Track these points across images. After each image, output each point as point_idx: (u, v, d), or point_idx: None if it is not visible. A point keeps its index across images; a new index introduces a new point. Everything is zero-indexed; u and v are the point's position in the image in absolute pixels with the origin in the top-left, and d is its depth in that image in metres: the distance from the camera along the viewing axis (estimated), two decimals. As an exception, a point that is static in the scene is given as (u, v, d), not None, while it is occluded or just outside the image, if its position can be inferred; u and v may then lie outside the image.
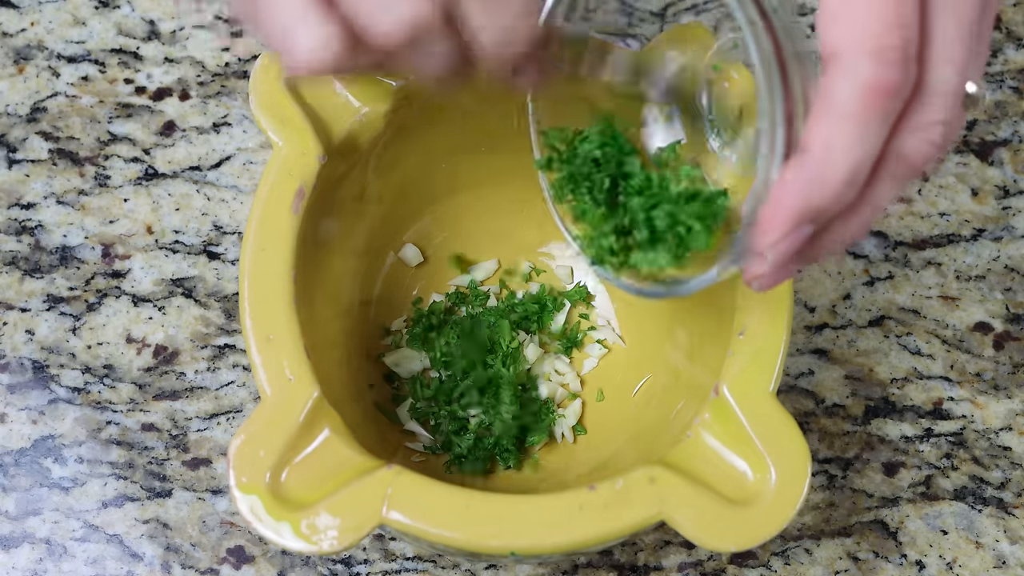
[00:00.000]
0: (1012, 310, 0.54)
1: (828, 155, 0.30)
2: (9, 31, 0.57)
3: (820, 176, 0.30)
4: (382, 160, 0.46)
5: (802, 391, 0.52)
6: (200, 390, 0.51)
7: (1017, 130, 0.57)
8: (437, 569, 0.49)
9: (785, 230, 0.31)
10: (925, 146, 0.31)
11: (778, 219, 0.31)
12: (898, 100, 0.30)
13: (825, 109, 0.30)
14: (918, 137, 0.31)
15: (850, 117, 0.29)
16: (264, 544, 0.49)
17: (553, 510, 0.36)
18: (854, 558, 0.50)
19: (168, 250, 0.54)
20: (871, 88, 0.29)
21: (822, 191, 0.30)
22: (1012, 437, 0.52)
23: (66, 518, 0.49)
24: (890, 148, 0.31)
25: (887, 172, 0.31)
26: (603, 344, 0.51)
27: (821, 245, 0.33)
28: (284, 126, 0.41)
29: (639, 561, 0.49)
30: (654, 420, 0.45)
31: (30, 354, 0.52)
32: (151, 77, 0.56)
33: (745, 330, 0.39)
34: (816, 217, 0.31)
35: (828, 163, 0.30)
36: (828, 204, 0.30)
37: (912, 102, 0.31)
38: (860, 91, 0.29)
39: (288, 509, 0.35)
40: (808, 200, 0.30)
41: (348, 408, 0.43)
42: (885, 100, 0.29)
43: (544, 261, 0.52)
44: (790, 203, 0.30)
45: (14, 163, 0.55)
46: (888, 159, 0.31)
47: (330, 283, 0.46)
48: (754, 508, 0.36)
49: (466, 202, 0.52)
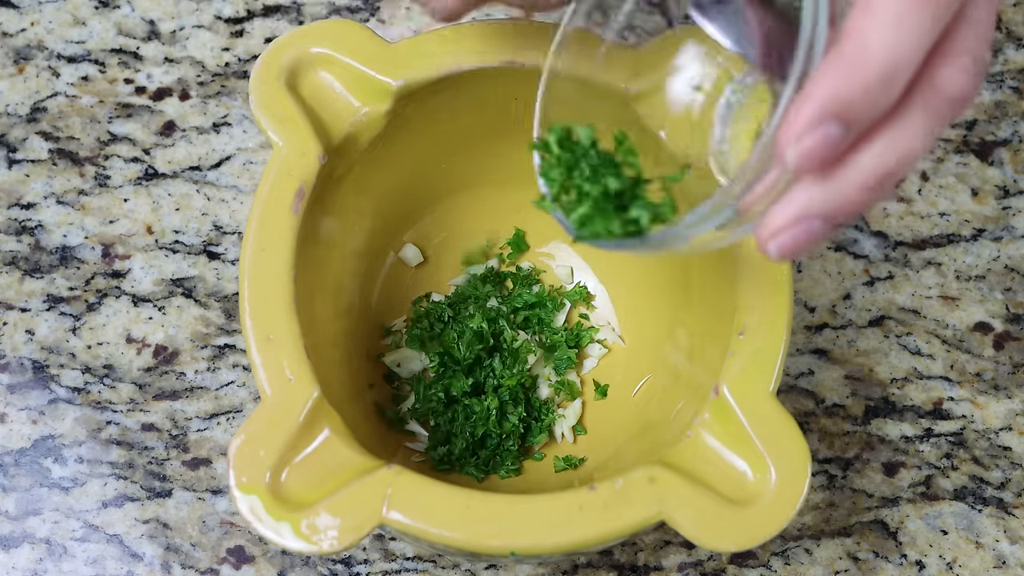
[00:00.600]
0: (1012, 310, 0.54)
1: (862, 46, 0.28)
2: (9, 31, 0.57)
3: (853, 63, 0.28)
4: (382, 160, 0.46)
5: (802, 391, 0.52)
6: (200, 390, 0.51)
7: (1017, 130, 0.57)
8: (437, 569, 0.49)
9: (811, 119, 0.28)
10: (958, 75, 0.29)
11: (804, 107, 0.29)
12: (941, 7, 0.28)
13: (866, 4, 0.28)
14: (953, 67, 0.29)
15: (891, 8, 0.28)
16: (264, 544, 0.49)
17: (553, 510, 0.36)
18: (854, 558, 0.50)
19: (168, 250, 0.54)
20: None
21: (853, 81, 0.28)
22: (1012, 437, 0.52)
23: (66, 518, 0.49)
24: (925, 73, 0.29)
25: (919, 100, 0.29)
26: (603, 344, 0.51)
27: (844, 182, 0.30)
28: (284, 126, 0.41)
29: (639, 561, 0.49)
30: (654, 420, 0.45)
31: (30, 354, 0.52)
32: (151, 77, 0.56)
33: (745, 330, 0.39)
34: (845, 114, 0.28)
35: (863, 51, 0.28)
36: (858, 99, 0.28)
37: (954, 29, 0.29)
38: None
39: (288, 509, 0.35)
40: (838, 88, 0.28)
41: (348, 408, 0.43)
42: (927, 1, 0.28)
43: (544, 261, 0.52)
44: (817, 90, 0.28)
45: (14, 163, 0.55)
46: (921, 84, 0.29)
47: (330, 283, 0.46)
48: (754, 508, 0.36)
49: (466, 202, 0.52)
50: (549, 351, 0.50)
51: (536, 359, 0.50)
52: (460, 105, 0.45)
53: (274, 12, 0.58)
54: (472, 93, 0.44)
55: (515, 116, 0.46)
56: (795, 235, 0.30)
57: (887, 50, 0.28)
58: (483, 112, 0.46)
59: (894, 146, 0.29)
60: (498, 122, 0.47)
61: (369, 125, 0.43)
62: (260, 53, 0.50)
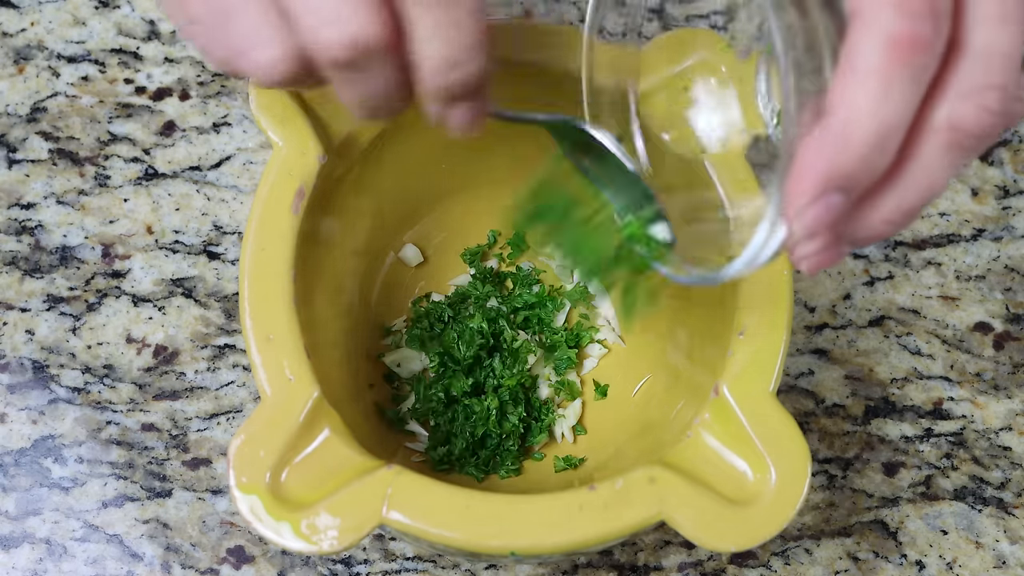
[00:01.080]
0: (1012, 310, 0.54)
1: (851, 115, 0.28)
2: (9, 31, 0.57)
3: (844, 137, 0.28)
4: (382, 160, 0.46)
5: (802, 391, 0.52)
6: (200, 390, 0.51)
7: (1017, 130, 0.57)
8: (437, 569, 0.49)
9: (811, 195, 0.29)
10: (981, 113, 0.29)
11: (802, 183, 0.29)
12: (927, 56, 0.28)
13: (848, 68, 0.28)
14: (971, 103, 0.29)
15: (873, 73, 0.28)
16: (264, 544, 0.49)
17: (553, 510, 0.36)
18: (854, 558, 0.50)
19: (168, 250, 0.54)
20: (894, 41, 0.27)
21: (846, 153, 0.28)
22: (1012, 437, 0.52)
23: (66, 518, 0.49)
24: (935, 115, 0.29)
25: (935, 141, 0.29)
26: (603, 344, 0.51)
27: (865, 221, 0.30)
28: (284, 126, 0.41)
29: (639, 561, 0.49)
30: (654, 420, 0.45)
31: (30, 354, 0.52)
32: (151, 77, 0.56)
33: (745, 330, 0.39)
34: (845, 184, 0.29)
35: (852, 123, 0.28)
36: (855, 168, 0.29)
37: (955, 64, 0.29)
38: (882, 44, 0.28)
39: (288, 509, 0.35)
40: (832, 163, 0.28)
41: (348, 408, 0.43)
42: (911, 54, 0.28)
43: (544, 261, 0.52)
44: (813, 166, 0.29)
45: (14, 163, 0.55)
46: (933, 126, 0.29)
47: (330, 283, 0.46)
48: (754, 508, 0.36)
49: (466, 202, 0.52)
50: (549, 351, 0.50)
51: (536, 359, 0.50)
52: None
53: (274, 12, 0.58)
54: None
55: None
56: (824, 259, 0.31)
57: (875, 110, 0.28)
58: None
59: (915, 187, 0.30)
60: (498, 122, 0.47)
61: (369, 125, 0.43)
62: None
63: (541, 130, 0.41)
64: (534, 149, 0.49)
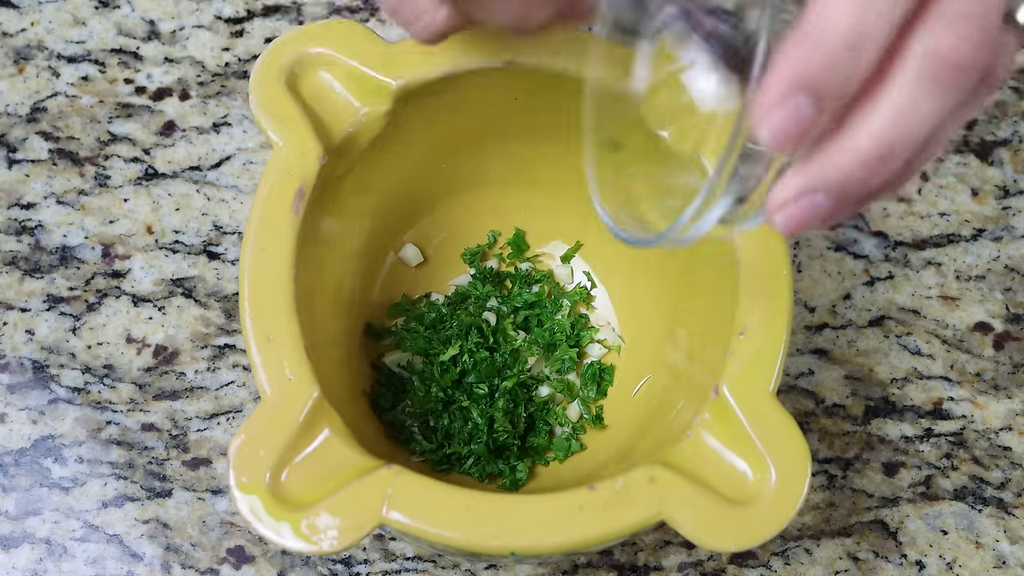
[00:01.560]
0: (1012, 310, 0.54)
1: (826, 20, 0.27)
2: (9, 31, 0.57)
3: (815, 38, 0.27)
4: (382, 160, 0.46)
5: (802, 391, 0.52)
6: (200, 390, 0.51)
7: (1017, 130, 0.57)
8: (437, 569, 0.49)
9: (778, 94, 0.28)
10: (958, 42, 0.28)
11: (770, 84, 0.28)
12: None
13: None
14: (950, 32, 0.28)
15: None
16: (264, 544, 0.49)
17: (553, 510, 0.36)
18: (854, 558, 0.50)
19: (168, 250, 0.54)
20: None
21: (816, 52, 0.27)
22: (1012, 437, 0.52)
23: (66, 518, 0.49)
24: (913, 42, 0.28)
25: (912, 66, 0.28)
26: (603, 344, 0.51)
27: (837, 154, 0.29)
28: (284, 126, 0.41)
29: (639, 561, 0.49)
30: (654, 420, 0.45)
31: (30, 354, 0.52)
32: (151, 77, 0.56)
33: (745, 330, 0.39)
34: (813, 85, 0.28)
35: (825, 26, 0.27)
36: (824, 69, 0.28)
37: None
38: None
39: (288, 509, 0.35)
40: (801, 61, 0.27)
41: (348, 408, 0.43)
42: None
43: (544, 261, 0.52)
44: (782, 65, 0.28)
45: (14, 163, 0.55)
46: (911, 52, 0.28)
47: (330, 283, 0.46)
48: (754, 508, 0.36)
49: (466, 202, 0.52)
50: (549, 351, 0.50)
51: (536, 359, 0.50)
52: (460, 105, 0.45)
53: (274, 12, 0.58)
54: (472, 93, 0.44)
55: (515, 116, 0.46)
56: (801, 208, 0.30)
57: (849, 16, 0.27)
58: (483, 112, 0.46)
59: (890, 115, 0.29)
60: (498, 122, 0.47)
61: (369, 125, 0.43)
62: (260, 53, 0.50)
63: (540, 131, 0.41)
64: (532, 149, 0.49)
